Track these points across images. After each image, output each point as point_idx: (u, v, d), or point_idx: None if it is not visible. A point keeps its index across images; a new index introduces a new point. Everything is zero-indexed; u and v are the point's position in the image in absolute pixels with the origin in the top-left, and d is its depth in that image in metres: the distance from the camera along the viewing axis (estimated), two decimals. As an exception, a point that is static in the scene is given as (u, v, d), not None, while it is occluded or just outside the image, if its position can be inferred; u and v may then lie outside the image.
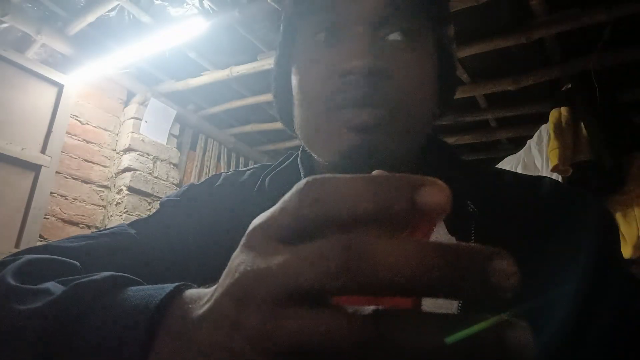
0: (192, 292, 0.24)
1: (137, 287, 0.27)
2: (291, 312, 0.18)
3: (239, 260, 0.20)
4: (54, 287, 0.30)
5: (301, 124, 0.50)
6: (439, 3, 0.50)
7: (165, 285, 0.25)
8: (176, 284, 0.25)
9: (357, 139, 0.44)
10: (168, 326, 0.23)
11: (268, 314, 0.18)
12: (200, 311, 0.22)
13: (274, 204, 0.57)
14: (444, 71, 0.50)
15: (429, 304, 0.41)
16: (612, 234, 0.47)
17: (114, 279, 0.29)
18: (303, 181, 0.19)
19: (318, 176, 0.19)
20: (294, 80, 0.50)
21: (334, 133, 0.45)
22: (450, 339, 0.16)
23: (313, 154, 0.51)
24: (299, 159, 0.56)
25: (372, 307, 0.18)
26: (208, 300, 0.22)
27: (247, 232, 0.21)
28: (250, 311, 0.19)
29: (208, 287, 0.24)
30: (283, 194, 0.58)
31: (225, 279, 0.21)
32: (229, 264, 0.21)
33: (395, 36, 0.46)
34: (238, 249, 0.21)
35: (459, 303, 0.39)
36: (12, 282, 0.33)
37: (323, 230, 0.19)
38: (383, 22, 0.45)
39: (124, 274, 0.29)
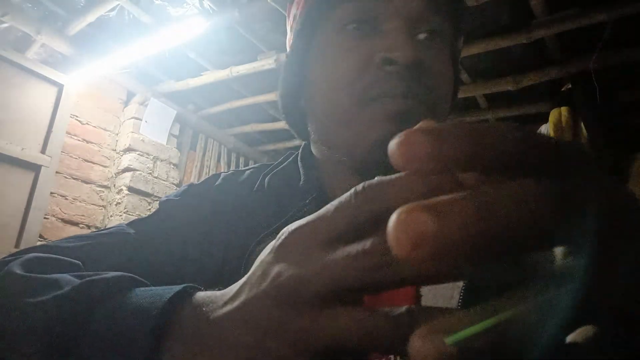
0: (202, 294, 0.25)
1: (145, 287, 0.28)
2: (334, 312, 0.19)
3: (278, 264, 0.21)
4: (64, 279, 0.30)
5: (324, 117, 0.49)
6: (462, 13, 0.51)
7: (174, 286, 0.26)
8: (184, 285, 0.25)
9: (393, 129, 0.43)
10: (177, 325, 0.23)
11: (313, 315, 0.19)
12: (222, 312, 0.22)
13: (273, 203, 0.56)
14: (454, 76, 0.52)
15: (429, 300, 0.41)
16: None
17: (124, 279, 0.29)
18: (360, 185, 0.20)
19: (371, 180, 0.19)
20: (319, 70, 0.49)
21: (369, 122, 0.44)
22: (451, 339, 0.16)
23: (328, 149, 0.50)
24: (298, 158, 0.56)
25: (405, 307, 0.18)
26: (229, 302, 0.22)
27: (282, 236, 0.21)
28: (295, 313, 0.19)
29: (217, 290, 0.24)
30: (282, 194, 0.57)
31: (260, 282, 0.21)
32: (259, 267, 0.22)
33: (426, 35, 0.46)
34: (272, 253, 0.21)
35: (460, 296, 0.39)
36: (21, 272, 0.33)
37: (370, 228, 0.19)
38: (420, 18, 0.46)
39: (133, 275, 0.30)
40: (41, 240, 2.35)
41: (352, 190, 0.20)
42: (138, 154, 2.73)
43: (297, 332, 0.19)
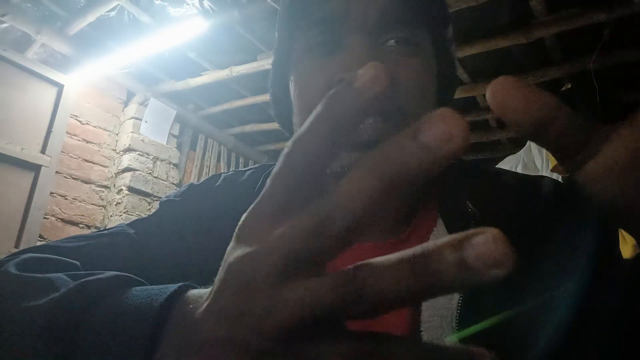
0: (194, 291, 0.24)
1: (141, 287, 0.27)
2: (289, 288, 0.18)
3: (231, 251, 0.21)
4: (60, 280, 0.30)
5: None
6: (437, 5, 0.49)
7: (169, 285, 0.25)
8: (179, 284, 0.25)
9: (357, 151, 0.43)
10: (171, 325, 0.23)
11: (268, 297, 0.18)
12: (201, 309, 0.22)
13: None
14: (443, 73, 0.50)
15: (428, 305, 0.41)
16: (611, 232, 0.47)
17: (119, 279, 0.29)
18: (290, 150, 0.20)
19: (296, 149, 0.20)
20: (292, 89, 0.50)
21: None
22: (452, 338, 0.16)
23: None
24: None
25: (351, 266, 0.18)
26: (208, 297, 0.22)
27: (240, 221, 0.22)
28: (251, 299, 0.19)
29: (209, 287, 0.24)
30: None
31: (222, 271, 0.21)
32: (225, 256, 0.22)
33: (394, 42, 0.45)
34: (233, 240, 0.22)
35: (459, 300, 0.39)
36: (16, 273, 0.33)
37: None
38: (382, 28, 0.45)
39: (128, 275, 0.30)
40: (41, 240, 2.35)
41: (284, 157, 0.20)
42: (138, 154, 2.73)
43: (259, 317, 0.18)
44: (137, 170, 2.70)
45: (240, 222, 0.22)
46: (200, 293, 0.23)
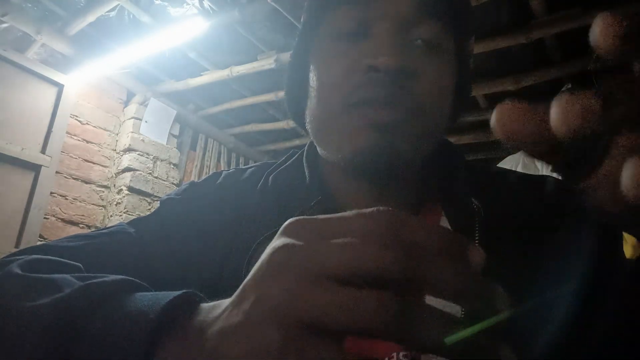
0: (204, 305, 0.25)
1: (145, 292, 0.28)
2: (321, 287, 0.20)
3: (275, 242, 0.22)
4: (64, 280, 0.30)
5: (315, 119, 0.49)
6: (465, 14, 0.50)
7: (174, 292, 0.26)
8: (183, 291, 0.26)
9: (375, 138, 0.43)
10: (173, 332, 0.23)
11: (295, 286, 0.20)
12: (216, 327, 0.22)
13: (276, 203, 0.57)
14: (461, 82, 0.51)
15: (433, 301, 0.40)
16: (614, 232, 0.47)
17: (124, 283, 0.29)
18: (389, 215, 0.22)
19: (405, 217, 0.22)
20: (314, 73, 0.49)
21: (352, 129, 0.45)
22: (450, 340, 0.17)
23: (323, 150, 0.50)
24: (304, 157, 0.56)
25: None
26: (221, 319, 0.22)
27: (285, 223, 0.23)
28: (278, 282, 0.20)
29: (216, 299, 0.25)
30: (286, 193, 0.57)
31: (241, 303, 0.22)
32: (242, 290, 0.23)
33: (421, 41, 0.46)
34: (275, 237, 0.23)
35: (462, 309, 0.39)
36: (21, 272, 0.33)
37: None
38: (411, 23, 0.45)
39: (134, 279, 0.30)
40: (41, 240, 2.35)
41: (378, 215, 0.22)
42: (138, 154, 2.72)
43: (278, 300, 0.20)
44: (137, 170, 2.70)
45: (294, 220, 0.23)
46: (207, 308, 0.24)
